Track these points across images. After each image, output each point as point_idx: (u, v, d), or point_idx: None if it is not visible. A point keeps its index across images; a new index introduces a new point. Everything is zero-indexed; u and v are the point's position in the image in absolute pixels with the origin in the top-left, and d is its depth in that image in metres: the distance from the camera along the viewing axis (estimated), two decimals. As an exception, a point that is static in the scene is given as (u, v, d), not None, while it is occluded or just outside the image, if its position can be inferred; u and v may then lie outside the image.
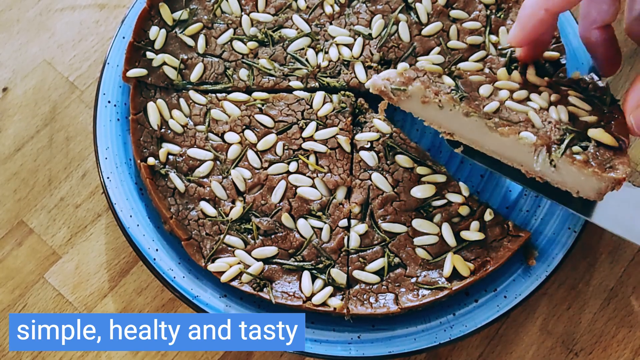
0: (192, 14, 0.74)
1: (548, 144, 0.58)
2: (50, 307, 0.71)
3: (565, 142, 0.58)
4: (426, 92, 0.62)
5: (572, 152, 0.57)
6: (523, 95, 0.62)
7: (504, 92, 0.62)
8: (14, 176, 0.76)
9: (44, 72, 0.80)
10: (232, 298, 0.65)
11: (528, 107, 0.61)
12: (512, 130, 0.59)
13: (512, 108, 0.61)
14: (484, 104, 0.61)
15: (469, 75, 0.64)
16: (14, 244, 0.73)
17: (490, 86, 0.63)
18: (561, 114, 0.60)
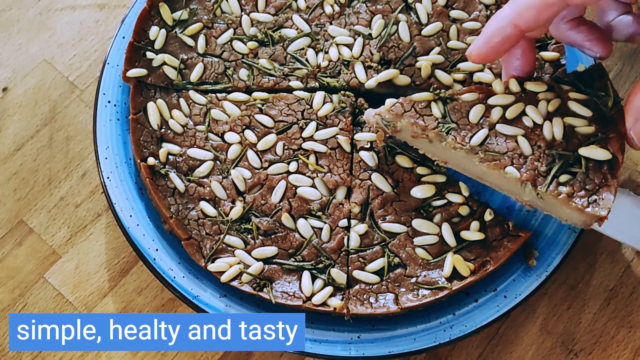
0: (192, 14, 0.74)
1: (533, 179, 0.58)
2: (50, 306, 0.71)
3: (551, 172, 0.58)
4: (413, 129, 0.62)
5: (557, 183, 0.57)
6: (518, 111, 0.60)
7: (496, 112, 0.61)
8: (13, 176, 0.76)
9: (44, 71, 0.80)
10: (232, 298, 0.65)
11: (519, 130, 0.60)
12: (497, 165, 0.59)
13: (502, 133, 0.60)
14: (472, 134, 0.60)
15: (461, 95, 0.62)
16: (14, 244, 0.73)
17: (482, 107, 0.61)
18: (555, 130, 0.59)
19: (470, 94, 0.62)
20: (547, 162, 0.58)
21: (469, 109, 0.61)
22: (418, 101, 0.62)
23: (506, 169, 0.59)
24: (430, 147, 0.64)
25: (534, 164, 0.58)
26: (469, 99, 0.62)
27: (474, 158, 0.60)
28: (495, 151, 0.59)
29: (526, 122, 0.60)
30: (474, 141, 0.60)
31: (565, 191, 0.57)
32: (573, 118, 0.59)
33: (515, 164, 0.59)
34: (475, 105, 0.61)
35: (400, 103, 0.62)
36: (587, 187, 0.56)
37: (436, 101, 0.62)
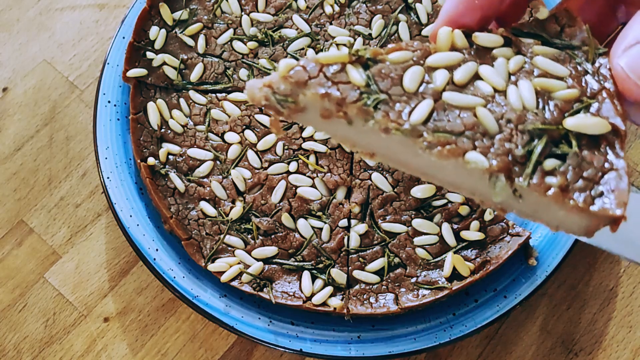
0: (192, 14, 0.74)
1: (507, 168, 0.40)
2: (50, 306, 0.70)
3: (533, 157, 0.40)
4: (325, 104, 0.42)
5: (543, 172, 0.40)
6: (470, 73, 0.43)
7: (441, 76, 0.43)
8: (14, 176, 0.75)
9: (44, 71, 0.80)
10: (232, 298, 0.65)
11: (476, 99, 0.42)
12: (452, 151, 0.40)
13: (452, 104, 0.42)
14: (412, 107, 0.41)
15: (389, 54, 0.44)
16: (14, 244, 0.73)
17: (419, 69, 0.43)
18: (526, 95, 0.42)
19: (400, 53, 0.43)
20: (524, 143, 0.40)
21: (402, 72, 0.43)
22: (327, 63, 0.43)
23: (466, 156, 0.40)
24: (350, 132, 0.44)
25: (504, 146, 0.40)
26: (399, 60, 0.43)
27: (417, 143, 0.41)
28: (447, 131, 0.41)
29: (483, 87, 0.42)
30: (415, 118, 0.41)
31: (557, 183, 0.39)
32: (545, 79, 0.43)
33: (478, 147, 0.40)
34: (410, 67, 0.43)
35: (302, 66, 0.42)
36: (585, 175, 0.40)
37: (353, 63, 0.43)
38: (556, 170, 0.40)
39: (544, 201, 0.40)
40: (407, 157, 0.44)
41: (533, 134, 0.41)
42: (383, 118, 0.41)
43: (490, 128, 0.41)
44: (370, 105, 0.42)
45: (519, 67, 0.44)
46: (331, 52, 0.44)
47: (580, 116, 0.41)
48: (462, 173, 0.42)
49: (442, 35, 0.44)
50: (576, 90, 0.42)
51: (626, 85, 0.40)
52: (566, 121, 0.41)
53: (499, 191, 0.41)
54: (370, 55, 0.43)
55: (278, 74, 0.43)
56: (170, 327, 0.69)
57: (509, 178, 0.40)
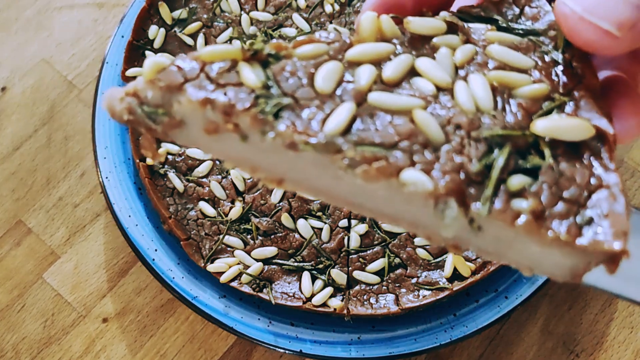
0: (192, 13, 0.74)
1: (459, 190, 0.30)
2: (49, 307, 0.70)
3: (493, 176, 0.30)
4: (208, 114, 0.32)
5: (508, 194, 0.30)
6: (404, 67, 0.33)
7: (366, 73, 0.33)
8: (12, 176, 0.75)
9: (43, 71, 0.79)
10: (232, 299, 0.65)
11: (413, 100, 0.32)
12: (382, 170, 0.30)
13: (382, 107, 0.32)
14: (326, 114, 0.31)
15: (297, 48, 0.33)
16: (13, 244, 0.72)
17: (338, 65, 0.33)
18: (479, 93, 0.33)
19: (312, 46, 0.33)
20: (480, 155, 0.31)
21: (314, 70, 0.33)
22: (211, 61, 0.32)
23: (402, 176, 0.30)
24: (246, 151, 0.33)
25: (454, 160, 0.30)
26: (310, 54, 0.33)
27: (335, 162, 0.30)
28: (375, 143, 0.30)
29: (422, 85, 0.33)
30: (330, 127, 0.31)
31: (528, 208, 0.29)
32: (503, 72, 0.33)
33: (418, 163, 0.30)
34: (323, 62, 0.33)
35: (177, 65, 0.32)
36: (566, 196, 0.30)
37: (249, 61, 0.32)
38: (526, 190, 0.30)
39: (511, 234, 0.30)
40: (325, 182, 0.32)
41: (491, 143, 0.31)
42: (287, 129, 0.30)
43: (434, 136, 0.31)
44: (268, 112, 0.31)
45: (469, 58, 0.34)
46: (218, 46, 0.33)
47: (553, 117, 0.32)
48: (398, 200, 0.31)
49: (365, 22, 0.34)
50: (544, 85, 0.33)
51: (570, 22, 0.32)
52: (535, 124, 0.31)
53: (450, 222, 0.30)
54: (272, 49, 0.33)
55: (143, 78, 0.32)
56: (170, 328, 0.69)
57: (462, 204, 0.29)
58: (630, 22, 0.30)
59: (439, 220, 0.31)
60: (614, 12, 0.30)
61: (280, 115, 0.31)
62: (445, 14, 0.35)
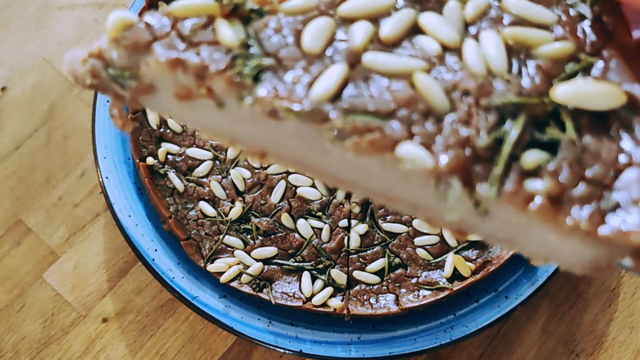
0: (192, 12, 0.74)
1: (463, 168, 0.25)
2: (48, 307, 0.70)
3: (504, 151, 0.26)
4: (179, 77, 0.28)
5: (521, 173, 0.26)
6: (405, 23, 0.29)
7: (361, 30, 0.28)
8: (11, 175, 0.75)
9: (43, 70, 0.79)
10: (232, 298, 0.65)
11: (415, 62, 0.28)
12: (375, 143, 0.26)
13: (378, 70, 0.27)
14: (312, 78, 0.27)
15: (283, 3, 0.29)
16: (12, 244, 0.72)
17: (329, 21, 0.28)
18: (491, 53, 0.28)
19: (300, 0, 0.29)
20: (490, 126, 0.26)
21: (302, 27, 0.29)
22: (184, 16, 0.29)
23: (398, 150, 0.26)
24: (223, 120, 0.29)
25: (459, 132, 0.26)
26: (298, 9, 0.29)
27: (322, 132, 0.27)
28: (368, 111, 0.26)
29: (426, 44, 0.28)
30: (317, 91, 0.27)
31: (544, 190, 0.25)
32: (521, 29, 0.29)
33: (417, 135, 0.26)
34: (312, 19, 0.29)
35: (145, 22, 0.29)
36: (589, 176, 0.26)
37: (228, 17, 0.29)
38: (542, 168, 0.26)
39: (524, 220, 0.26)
40: (312, 156, 0.28)
41: (504, 112, 0.26)
42: (267, 94, 0.26)
43: (437, 104, 0.26)
44: (247, 75, 0.27)
45: (481, 12, 0.29)
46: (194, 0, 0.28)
47: (577, 82, 0.27)
48: (394, 177, 0.27)
49: None
50: (568, 44, 0.28)
51: None
52: (555, 90, 0.26)
53: (453, 204, 0.26)
54: (255, 3, 0.29)
55: (107, 36, 0.28)
56: (169, 328, 0.69)
57: (467, 184, 0.25)
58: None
59: (440, 201, 0.26)
60: None
61: (261, 78, 0.27)
62: None
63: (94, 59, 0.29)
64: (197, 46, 0.27)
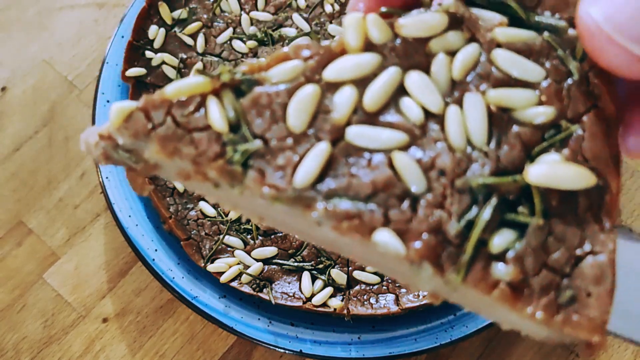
0: (192, 13, 0.74)
1: (433, 255, 0.27)
2: (49, 307, 0.70)
3: (472, 239, 0.27)
4: (177, 162, 0.30)
5: (487, 257, 0.27)
6: (388, 88, 0.29)
7: (345, 99, 0.29)
8: (13, 176, 0.75)
9: (43, 71, 0.79)
10: (232, 298, 0.65)
11: (395, 136, 0.29)
12: (354, 228, 0.28)
13: (359, 146, 0.29)
14: (296, 162, 0.28)
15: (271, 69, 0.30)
16: (14, 244, 0.73)
17: (315, 91, 0.29)
18: (473, 124, 0.29)
19: (286, 66, 0.30)
20: (461, 210, 0.28)
21: (288, 98, 0.29)
22: (177, 100, 0.29)
23: (374, 237, 0.28)
24: (222, 194, 0.31)
25: (430, 217, 0.28)
26: (285, 77, 0.30)
27: (306, 216, 0.29)
28: (348, 195, 0.28)
29: (409, 110, 0.29)
30: (300, 179, 0.28)
31: (507, 277, 0.27)
32: (506, 91, 0.29)
33: (392, 220, 0.28)
34: (297, 89, 0.29)
35: (142, 109, 0.29)
36: (550, 263, 0.27)
37: (221, 91, 0.30)
38: (507, 253, 0.27)
39: (488, 300, 0.27)
40: (303, 227, 0.30)
41: (477, 194, 0.27)
42: (254, 182, 0.28)
43: (414, 186, 0.28)
44: (236, 162, 0.28)
45: (469, 67, 0.29)
46: (184, 81, 0.29)
47: (550, 159, 0.28)
48: (374, 253, 0.28)
49: (348, 26, 0.29)
50: (551, 110, 0.28)
51: (596, 43, 0.26)
52: (528, 172, 0.27)
53: (425, 281, 0.28)
54: (244, 73, 0.29)
55: (110, 124, 0.30)
56: (169, 329, 0.69)
57: (437, 267, 0.27)
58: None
59: (415, 275, 0.28)
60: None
61: (249, 164, 0.28)
62: (449, 2, 0.30)
63: (104, 141, 0.30)
64: (191, 132, 0.29)
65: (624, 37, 0.25)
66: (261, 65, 0.30)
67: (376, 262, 0.31)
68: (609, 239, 0.27)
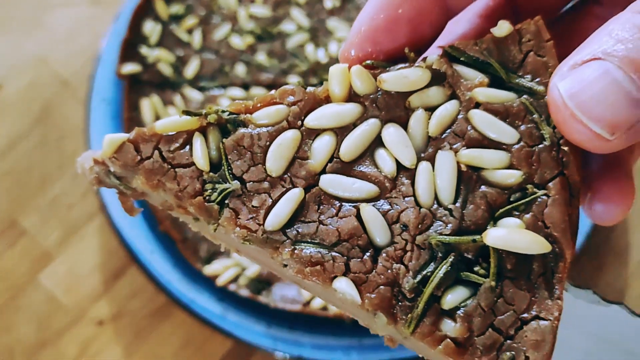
0: (189, 9, 0.73)
1: (387, 306, 0.29)
2: (43, 309, 0.69)
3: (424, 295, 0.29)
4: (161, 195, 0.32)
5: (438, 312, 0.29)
6: (364, 141, 0.31)
7: (323, 147, 0.31)
8: (6, 175, 0.74)
9: (38, 68, 0.78)
10: (229, 302, 0.64)
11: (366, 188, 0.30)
12: (316, 274, 0.30)
13: (331, 194, 0.30)
14: (269, 206, 0.30)
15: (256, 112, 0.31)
16: (7, 245, 0.72)
17: (295, 136, 0.31)
18: (442, 183, 0.30)
19: (270, 110, 0.31)
20: (418, 265, 0.29)
21: (269, 142, 0.31)
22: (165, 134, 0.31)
23: (334, 284, 0.29)
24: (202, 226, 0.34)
25: (389, 270, 0.29)
26: (269, 121, 0.31)
27: (275, 257, 0.31)
28: (314, 242, 0.30)
29: (383, 163, 0.30)
30: (271, 222, 0.30)
31: (453, 333, 0.29)
32: (479, 151, 0.30)
33: (352, 270, 0.29)
34: (279, 133, 0.31)
35: (132, 140, 0.31)
36: (496, 324, 0.29)
37: (208, 128, 0.31)
38: (458, 310, 0.29)
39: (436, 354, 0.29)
40: (273, 266, 0.33)
41: (436, 251, 0.29)
42: (228, 221, 0.30)
43: (377, 238, 0.29)
44: (214, 200, 0.30)
45: (446, 125, 0.30)
46: (173, 118, 0.31)
47: (510, 223, 0.29)
48: (335, 297, 0.30)
49: (334, 75, 0.31)
50: (519, 174, 0.29)
51: (560, 117, 0.28)
52: (487, 235, 0.29)
53: (381, 327, 0.30)
54: (230, 112, 0.31)
55: (104, 150, 0.31)
56: (165, 331, 0.68)
57: (390, 318, 0.29)
58: (627, 123, 0.26)
59: (371, 321, 0.31)
60: (611, 111, 0.26)
61: (226, 203, 0.30)
62: (433, 59, 0.31)
63: (98, 166, 0.32)
64: (175, 168, 0.31)
65: (585, 115, 0.27)
66: (248, 106, 0.31)
67: (339, 305, 0.33)
68: (555, 307, 0.29)
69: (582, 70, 0.27)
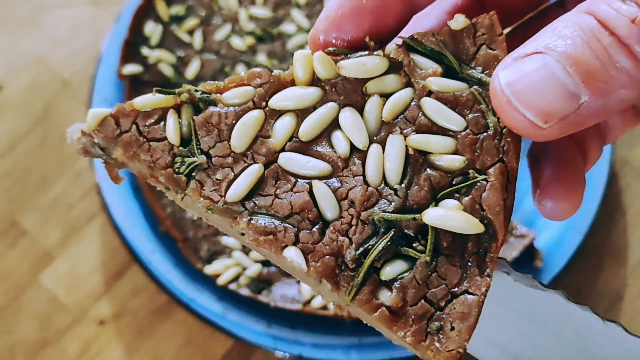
0: (189, 10, 0.73)
1: (330, 274, 0.32)
2: (45, 309, 0.69)
3: (364, 265, 0.32)
4: (136, 165, 0.35)
5: (376, 283, 0.32)
6: (322, 122, 0.33)
7: (284, 127, 0.33)
8: (6, 175, 0.74)
9: (38, 69, 0.78)
10: (230, 301, 0.64)
11: (319, 166, 0.33)
12: (268, 243, 0.33)
13: (288, 171, 0.33)
14: (231, 179, 0.33)
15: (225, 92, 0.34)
16: (8, 245, 0.72)
17: (259, 116, 0.33)
18: (390, 164, 0.32)
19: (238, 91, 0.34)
20: (361, 239, 0.32)
21: (235, 120, 0.34)
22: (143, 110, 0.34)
23: (284, 253, 0.32)
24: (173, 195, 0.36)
25: (334, 242, 0.32)
26: (236, 101, 0.34)
27: (234, 226, 0.34)
28: (269, 213, 0.33)
29: (338, 144, 0.33)
30: (231, 194, 0.33)
31: (388, 302, 0.32)
32: (426, 137, 0.33)
33: (302, 240, 0.32)
34: (245, 112, 0.34)
35: (114, 114, 0.34)
36: (428, 296, 0.32)
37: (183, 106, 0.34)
38: (395, 282, 0.32)
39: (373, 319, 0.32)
40: (234, 234, 0.35)
41: (378, 227, 0.32)
42: (194, 192, 0.33)
43: (327, 212, 0.32)
44: (182, 172, 0.34)
45: (399, 111, 0.33)
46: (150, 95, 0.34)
47: (450, 204, 0.32)
48: (288, 265, 0.33)
49: (298, 60, 0.33)
50: (462, 159, 0.32)
51: (498, 102, 0.29)
52: (426, 214, 0.31)
53: (327, 294, 0.33)
54: (203, 92, 0.34)
55: (89, 122, 0.35)
56: (166, 331, 0.68)
57: (334, 285, 0.32)
58: (560, 113, 0.28)
59: (319, 288, 0.34)
60: (545, 101, 0.28)
61: (193, 175, 0.34)
62: (391, 48, 0.33)
63: (85, 137, 0.35)
64: (150, 141, 0.34)
65: (520, 103, 0.29)
66: (219, 86, 0.34)
67: (290, 271, 0.35)
68: (484, 283, 0.31)
69: (523, 62, 0.29)
